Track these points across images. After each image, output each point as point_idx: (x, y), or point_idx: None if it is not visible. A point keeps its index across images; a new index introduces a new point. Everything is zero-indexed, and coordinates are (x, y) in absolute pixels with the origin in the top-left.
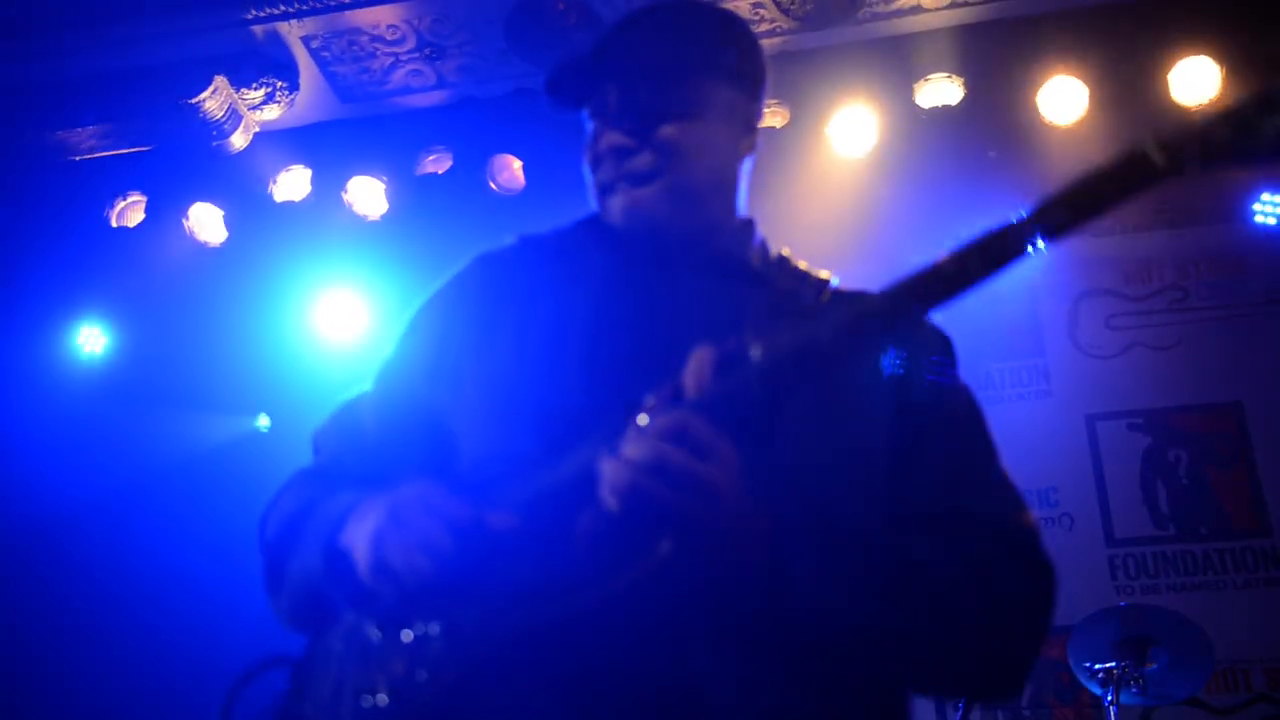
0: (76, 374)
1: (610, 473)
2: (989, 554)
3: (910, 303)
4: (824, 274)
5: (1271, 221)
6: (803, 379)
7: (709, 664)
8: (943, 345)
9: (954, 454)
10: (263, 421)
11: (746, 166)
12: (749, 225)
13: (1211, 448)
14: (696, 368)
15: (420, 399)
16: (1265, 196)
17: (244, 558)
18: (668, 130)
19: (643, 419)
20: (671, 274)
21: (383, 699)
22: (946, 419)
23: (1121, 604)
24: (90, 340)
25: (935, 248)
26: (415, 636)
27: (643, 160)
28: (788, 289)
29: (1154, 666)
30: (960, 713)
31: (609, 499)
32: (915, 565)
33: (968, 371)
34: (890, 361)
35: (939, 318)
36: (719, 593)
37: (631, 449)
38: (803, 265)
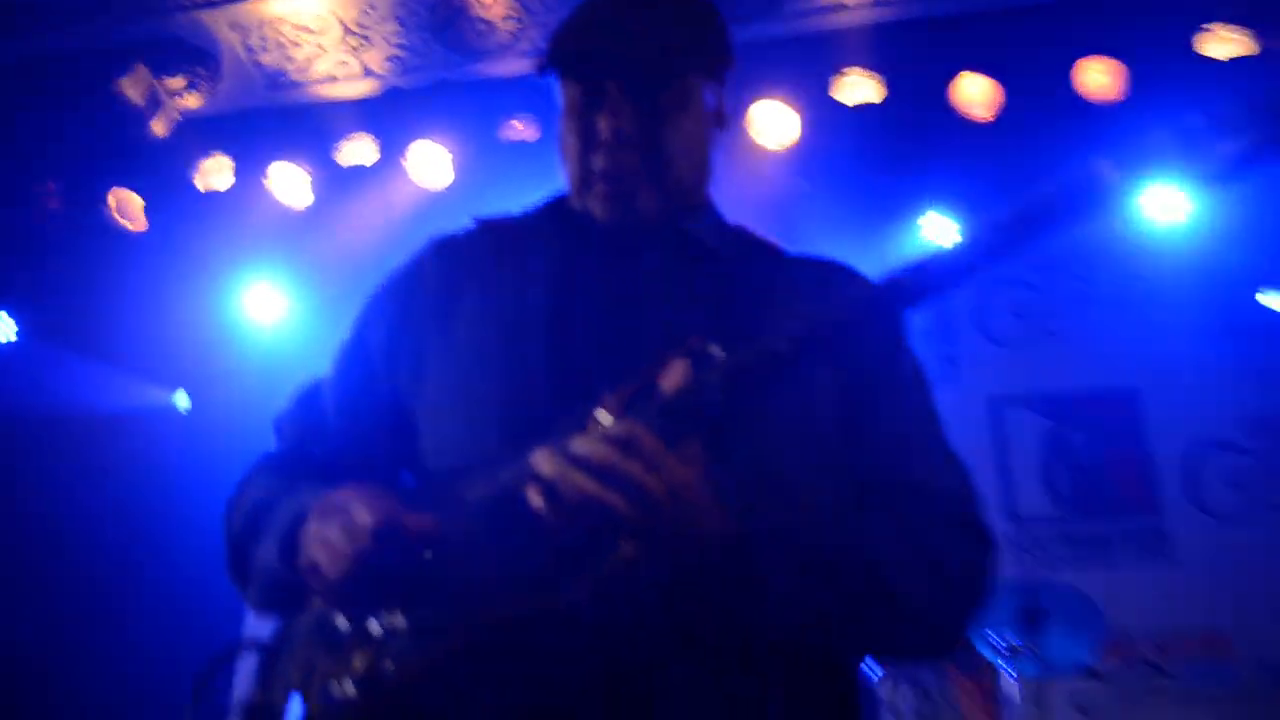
0: None
1: (551, 471)
2: (935, 524)
3: (870, 311)
4: (776, 244)
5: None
6: (763, 379)
7: (667, 657)
8: (893, 320)
9: (902, 428)
10: (181, 401)
11: (714, 159)
12: (707, 203)
13: (1108, 431)
14: (673, 374)
15: (380, 385)
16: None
17: (160, 531)
18: (662, 127)
19: (603, 416)
20: (631, 257)
21: (350, 689)
22: (895, 393)
23: (1020, 579)
24: (2, 327)
25: (853, 240)
26: (382, 628)
27: (637, 157)
28: (744, 263)
29: (1050, 638)
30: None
31: (541, 500)
32: (866, 543)
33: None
34: (841, 340)
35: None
36: (679, 590)
37: (579, 448)
38: (756, 237)
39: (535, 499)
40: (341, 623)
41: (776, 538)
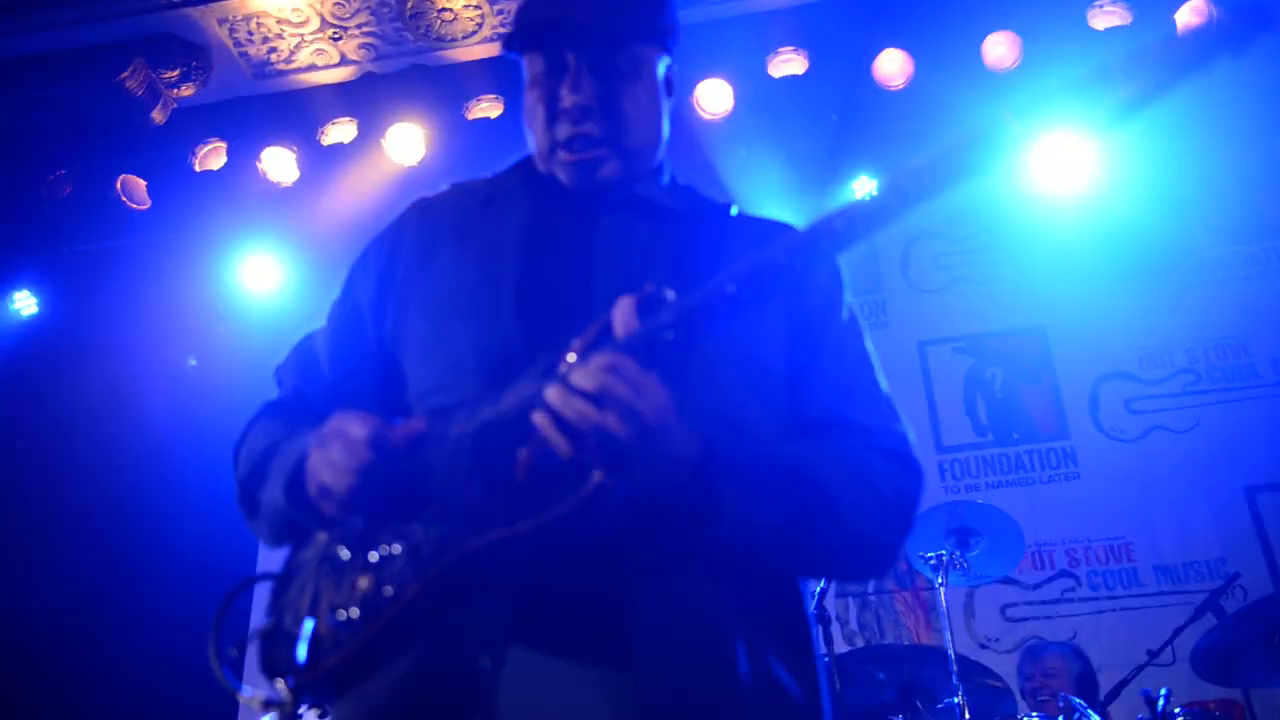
0: (13, 335)
1: (559, 401)
2: (873, 456)
3: (805, 254)
4: (724, 203)
5: None
6: (711, 319)
7: (638, 576)
8: (832, 272)
9: (841, 371)
10: (191, 361)
11: (667, 113)
12: (662, 164)
13: (1022, 366)
14: (621, 312)
15: (367, 333)
16: None
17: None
18: (619, 96)
19: (571, 357)
20: (591, 215)
21: (354, 612)
22: (835, 339)
23: (948, 501)
24: (23, 304)
25: (788, 205)
26: (380, 556)
27: (597, 126)
28: (694, 220)
29: (975, 552)
30: (818, 593)
31: (551, 427)
32: (812, 470)
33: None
34: (784, 285)
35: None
36: (649, 513)
37: (579, 379)
38: (705, 197)
39: (542, 424)
40: (343, 552)
41: (735, 462)
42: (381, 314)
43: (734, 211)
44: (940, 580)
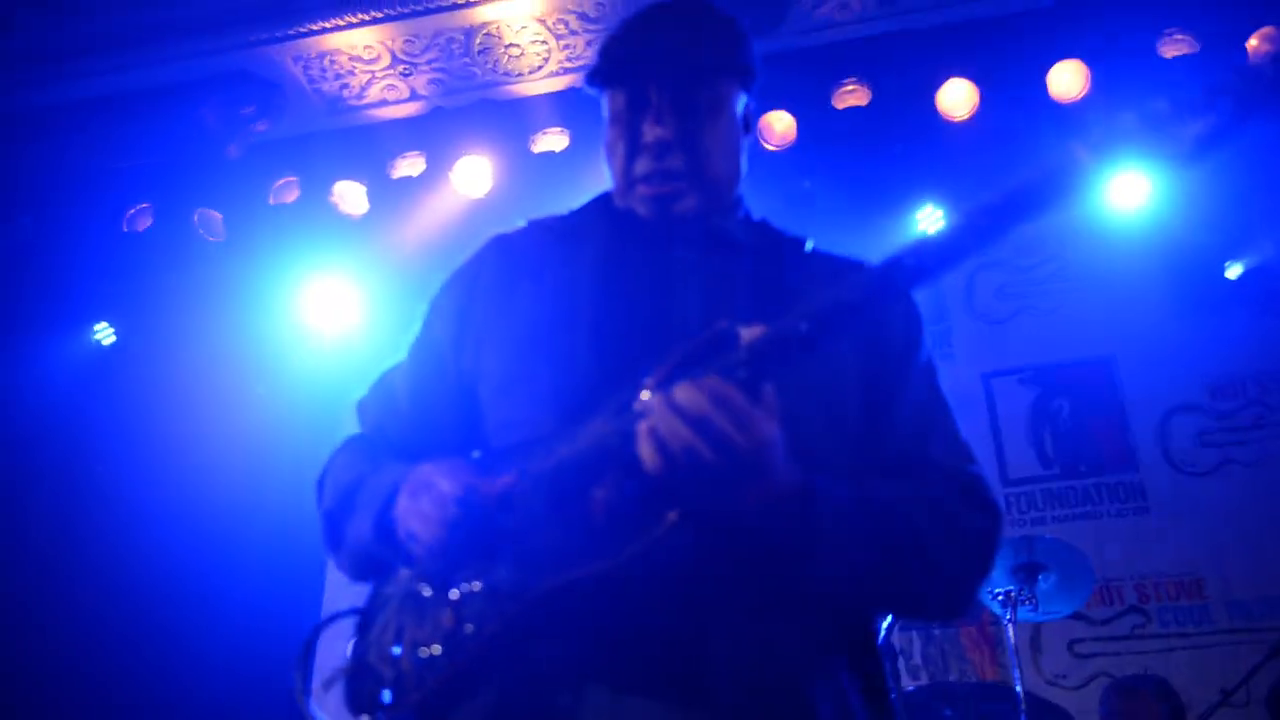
0: (94, 365)
1: (657, 413)
2: (952, 498)
3: (877, 291)
4: (800, 238)
5: None
6: (786, 357)
7: (715, 615)
8: (911, 313)
9: (921, 412)
10: (260, 390)
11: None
12: (739, 199)
13: (1089, 397)
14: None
15: (447, 369)
16: None
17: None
18: (700, 132)
19: (645, 394)
20: (668, 248)
21: (436, 649)
22: (915, 380)
23: (1015, 536)
24: (103, 334)
25: (851, 236)
26: (461, 594)
27: (678, 160)
28: (771, 254)
29: (1044, 587)
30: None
31: (646, 438)
32: (902, 511)
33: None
34: (857, 323)
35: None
36: (736, 549)
37: (681, 396)
38: (781, 231)
39: (643, 443)
40: (425, 590)
41: (832, 502)
42: (461, 350)
43: (809, 246)
44: (1008, 616)
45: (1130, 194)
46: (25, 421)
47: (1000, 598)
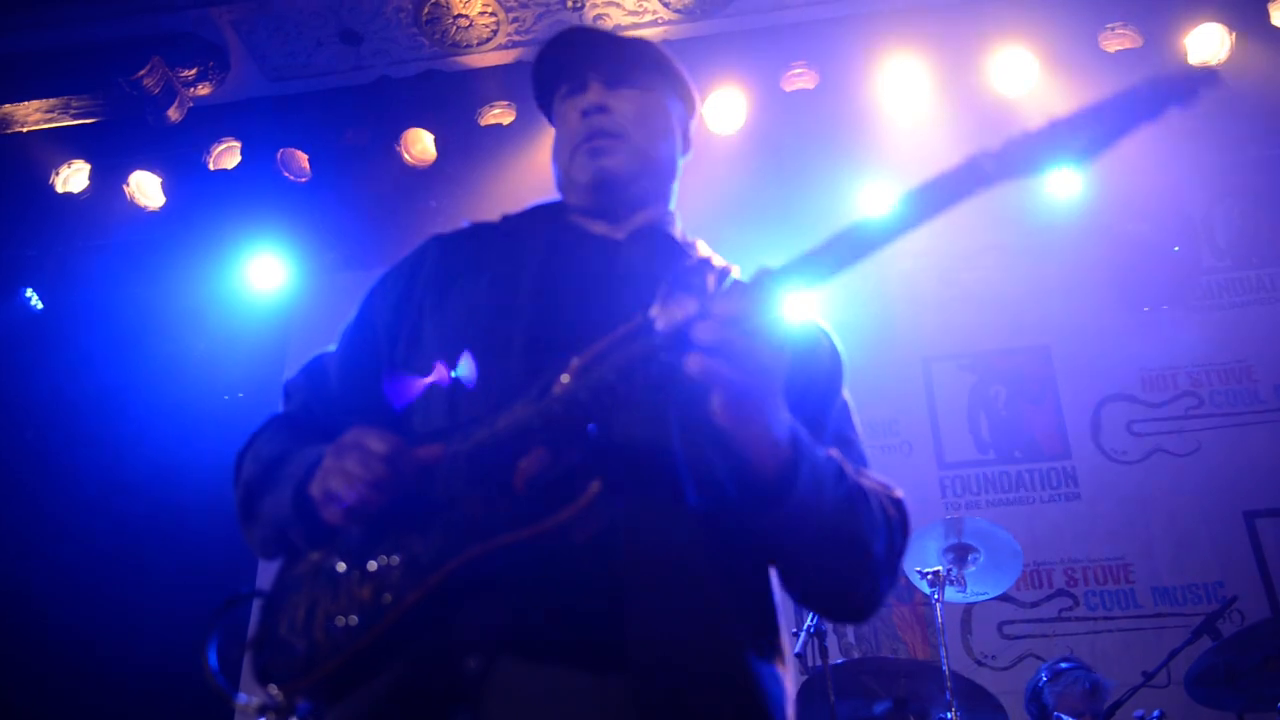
0: (23, 329)
1: (709, 333)
2: (879, 495)
3: (786, 284)
4: (725, 262)
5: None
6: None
7: (634, 580)
8: (834, 354)
9: (839, 441)
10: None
11: (680, 167)
12: (674, 214)
13: (1025, 385)
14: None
15: (380, 357)
16: None
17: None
18: (633, 96)
19: (565, 378)
20: (607, 245)
21: (354, 619)
22: (833, 415)
23: (946, 517)
24: (31, 300)
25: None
26: (379, 566)
27: (614, 120)
28: (699, 269)
29: (973, 569)
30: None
31: (698, 357)
32: (852, 484)
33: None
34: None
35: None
36: (647, 529)
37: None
38: (709, 253)
39: (697, 362)
40: (339, 565)
41: (809, 446)
42: (395, 339)
43: (734, 274)
44: (938, 596)
45: (1065, 183)
46: None
47: (929, 577)
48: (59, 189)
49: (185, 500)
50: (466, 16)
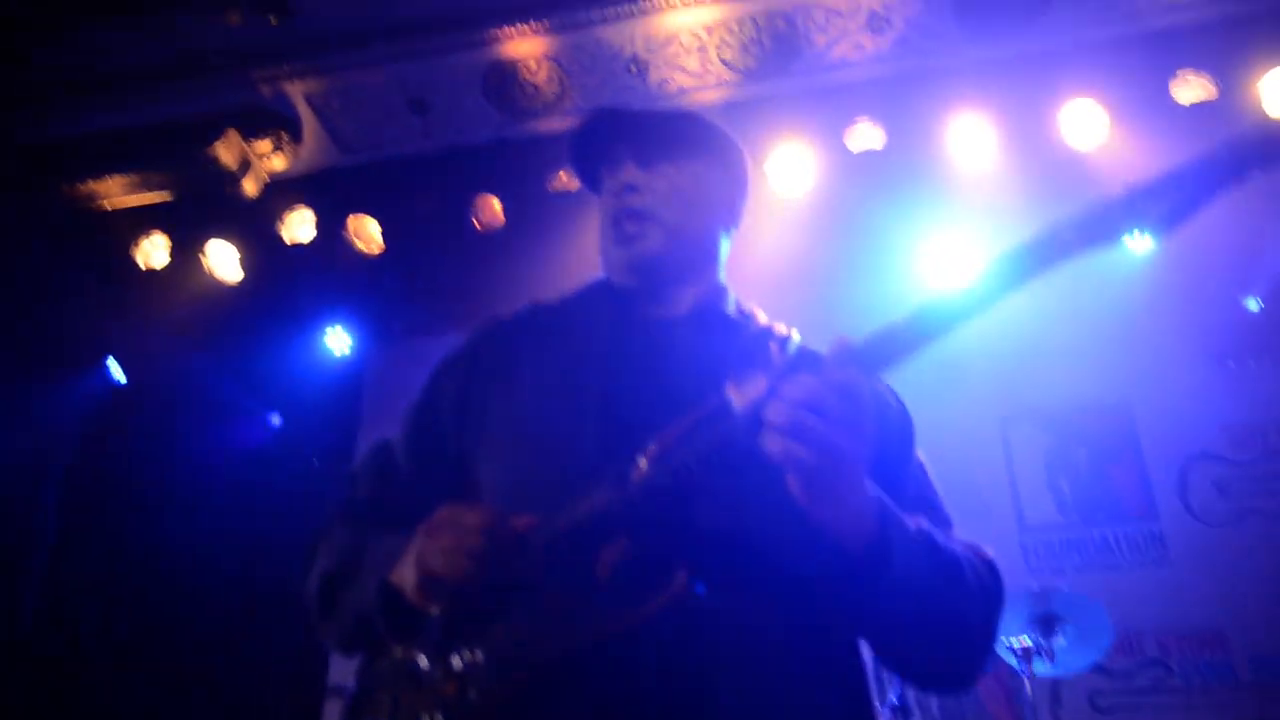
0: (108, 401)
1: (779, 414)
2: (969, 557)
3: (865, 363)
4: (785, 329)
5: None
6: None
7: (721, 673)
8: (903, 418)
9: (918, 502)
10: (275, 420)
11: (726, 244)
12: (726, 288)
13: (1106, 444)
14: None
15: (447, 442)
16: None
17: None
18: (665, 173)
19: (643, 463)
20: (665, 326)
21: (439, 717)
22: (910, 478)
23: (1031, 588)
24: (115, 371)
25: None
26: (463, 663)
27: (643, 199)
28: (760, 340)
29: (1061, 640)
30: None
31: (774, 438)
32: (944, 552)
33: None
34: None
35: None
36: (734, 617)
37: (799, 391)
38: (766, 319)
39: (774, 443)
40: (423, 661)
41: (897, 517)
42: (461, 424)
43: (795, 340)
44: (1025, 670)
45: (1140, 238)
46: (45, 456)
47: (1017, 650)
48: (139, 262)
49: (262, 573)
50: (533, 84)
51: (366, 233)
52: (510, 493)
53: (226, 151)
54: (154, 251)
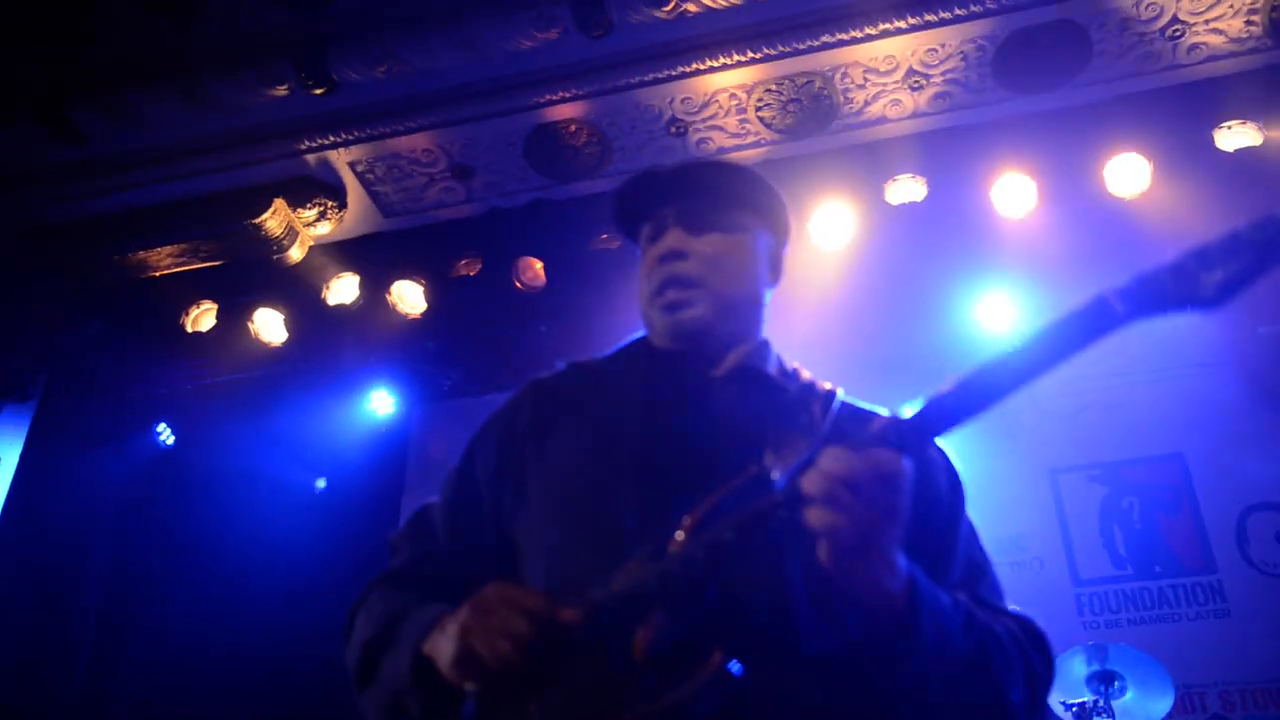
0: (158, 464)
1: (817, 487)
2: (1015, 632)
3: (911, 438)
4: (830, 386)
5: None
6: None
7: None
8: (953, 479)
9: (968, 567)
10: (320, 483)
11: (768, 297)
12: (767, 343)
13: (1159, 495)
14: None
15: (485, 509)
16: None
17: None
18: (714, 240)
19: (680, 535)
20: (706, 387)
21: None
22: (960, 542)
23: (1087, 644)
24: (163, 435)
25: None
26: None
27: (690, 266)
28: (802, 399)
29: (1122, 698)
30: None
31: (819, 509)
32: (980, 624)
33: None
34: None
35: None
36: (773, 695)
37: (837, 466)
38: (810, 377)
39: (812, 519)
40: None
41: (930, 591)
42: (500, 492)
43: (840, 396)
44: None
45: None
46: (93, 521)
47: (1076, 710)
48: (188, 328)
49: (306, 638)
50: (574, 148)
51: (409, 295)
52: (547, 557)
53: (274, 221)
54: (202, 317)
